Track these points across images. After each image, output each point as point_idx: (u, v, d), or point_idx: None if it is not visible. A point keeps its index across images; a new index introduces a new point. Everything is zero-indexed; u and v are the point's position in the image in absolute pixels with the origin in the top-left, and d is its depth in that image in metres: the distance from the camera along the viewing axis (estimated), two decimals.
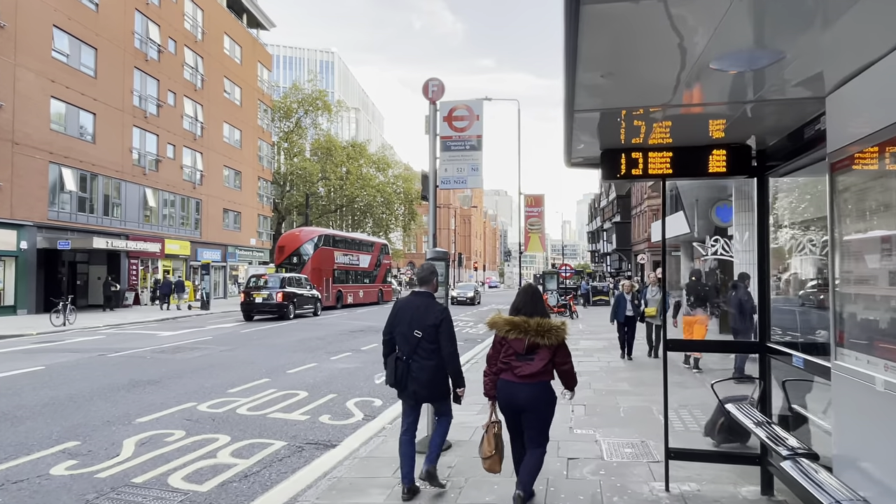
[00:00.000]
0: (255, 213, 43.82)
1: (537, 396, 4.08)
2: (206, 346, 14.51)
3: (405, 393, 4.55)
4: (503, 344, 4.17)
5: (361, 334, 17.54)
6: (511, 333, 4.09)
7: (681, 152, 4.37)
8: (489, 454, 4.23)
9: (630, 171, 4.39)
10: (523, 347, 4.06)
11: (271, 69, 48.80)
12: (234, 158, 40.75)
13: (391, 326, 4.62)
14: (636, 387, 9.09)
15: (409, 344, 4.45)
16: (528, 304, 4.23)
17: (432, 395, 4.56)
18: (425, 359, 4.41)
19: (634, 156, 4.36)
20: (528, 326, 4.05)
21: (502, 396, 4.17)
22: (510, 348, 4.11)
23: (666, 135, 4.24)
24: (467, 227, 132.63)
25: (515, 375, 4.08)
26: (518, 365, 4.08)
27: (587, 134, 4.19)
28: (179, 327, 19.36)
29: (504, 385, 4.14)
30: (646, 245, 50.29)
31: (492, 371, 4.24)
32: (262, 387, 9.41)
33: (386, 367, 4.64)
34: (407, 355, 4.45)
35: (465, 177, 5.91)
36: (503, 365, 4.15)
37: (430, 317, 4.44)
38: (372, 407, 8.19)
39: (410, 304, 4.58)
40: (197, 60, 36.56)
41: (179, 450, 6.08)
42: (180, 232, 34.64)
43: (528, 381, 4.05)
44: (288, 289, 22.30)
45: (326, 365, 11.74)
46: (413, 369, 4.41)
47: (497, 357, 4.21)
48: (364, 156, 55.64)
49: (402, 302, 4.68)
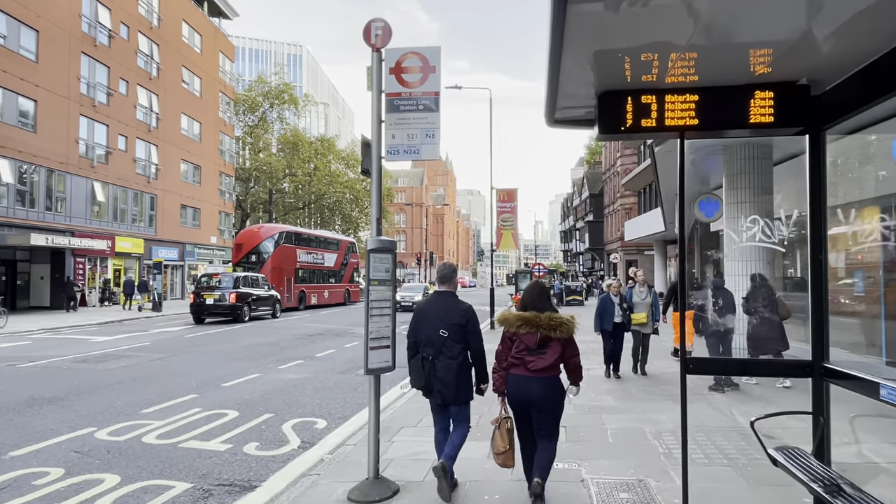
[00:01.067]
0: (216, 210, 41.84)
1: (550, 390, 4.15)
2: (139, 353, 12.92)
3: (432, 394, 4.50)
4: (514, 339, 4.21)
5: (319, 339, 16.10)
6: (523, 328, 4.14)
7: (710, 95, 3.12)
8: (504, 449, 4.21)
9: (639, 123, 3.15)
10: (535, 342, 4.12)
11: (234, 60, 46.78)
12: (193, 152, 38.75)
13: (416, 328, 4.57)
14: (623, 402, 7.90)
15: (435, 344, 4.42)
16: (538, 300, 4.26)
17: (456, 396, 4.44)
18: (450, 358, 4.39)
19: (645, 100, 3.13)
20: (539, 321, 4.11)
21: (514, 391, 4.19)
22: (522, 343, 4.16)
23: (690, 70, 2.98)
24: (440, 226, 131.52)
25: (528, 370, 4.13)
26: (531, 359, 4.13)
27: (580, 65, 2.91)
28: (120, 331, 17.66)
29: (516, 380, 4.18)
30: (619, 244, 49.68)
31: (501, 367, 4.27)
32: (185, 405, 7.96)
33: (411, 370, 4.57)
34: (433, 355, 4.42)
35: (418, 145, 4.58)
36: (515, 360, 4.18)
37: (455, 315, 4.43)
38: (313, 430, 6.83)
39: (434, 304, 4.57)
40: (152, 48, 34.54)
41: (44, 499, 4.66)
42: (133, 229, 32.61)
43: (541, 374, 4.11)
44: (242, 289, 20.67)
45: (271, 375, 10.31)
46: (438, 368, 4.39)
47: (507, 353, 4.24)
48: (332, 151, 53.88)
49: (424, 303, 4.67)
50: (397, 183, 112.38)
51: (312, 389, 9.13)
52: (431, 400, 4.58)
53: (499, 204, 20.14)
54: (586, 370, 10.54)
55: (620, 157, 49.72)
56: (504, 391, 4.24)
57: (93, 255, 29.36)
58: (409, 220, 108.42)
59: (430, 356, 4.42)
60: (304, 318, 23.72)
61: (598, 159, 71.24)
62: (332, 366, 11.49)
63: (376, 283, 4.45)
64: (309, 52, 78.51)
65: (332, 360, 12.18)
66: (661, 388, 8.84)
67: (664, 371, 10.33)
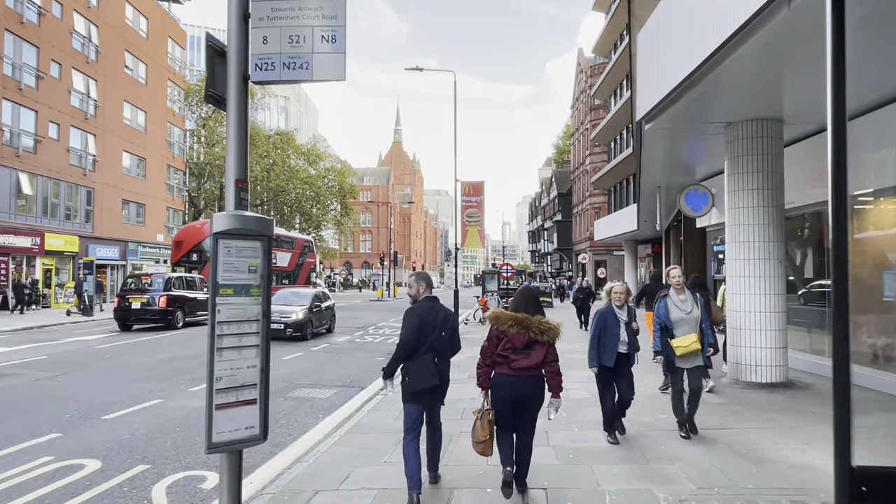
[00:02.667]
0: (163, 206, 39.09)
1: (535, 388, 4.40)
2: (25, 371, 10.68)
3: (435, 396, 4.61)
4: (502, 338, 4.38)
5: None
6: (514, 328, 4.34)
7: None
8: (484, 438, 4.40)
9: None
10: (522, 342, 4.33)
11: (185, 47, 44.01)
12: (137, 143, 35.97)
13: (418, 334, 4.51)
14: (625, 448, 6.07)
15: (439, 346, 4.56)
16: (530, 304, 4.47)
17: (444, 394, 4.72)
18: (447, 359, 4.67)
19: None
20: (530, 323, 4.33)
21: (506, 391, 4.37)
22: (509, 342, 4.35)
23: None
24: (407, 225, 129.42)
25: (511, 368, 4.34)
26: (515, 358, 4.33)
27: None
28: (28, 340, 15.27)
29: (502, 378, 4.39)
30: (587, 244, 48.52)
31: (486, 364, 4.45)
32: (35, 451, 5.92)
33: (413, 371, 4.47)
34: (438, 357, 4.53)
35: (308, 55, 2.73)
36: (499, 358, 4.38)
37: (450, 319, 4.70)
38: (195, 494, 4.90)
39: (433, 309, 4.63)
40: (90, 29, 31.77)
41: None
42: (66, 225, 29.83)
43: (524, 373, 4.34)
44: (175, 291, 18.39)
45: (176, 402, 8.30)
46: (442, 371, 4.55)
47: (493, 350, 4.42)
48: (292, 146, 51.35)
49: (423, 309, 4.62)
50: (362, 181, 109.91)
51: None
52: (423, 402, 4.58)
53: (464, 198, 18.35)
54: (567, 390, 8.86)
55: (590, 155, 48.55)
56: (487, 386, 4.44)
57: (17, 254, 26.58)
58: (374, 219, 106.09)
59: (436, 358, 4.51)
60: None
61: (566, 158, 70.27)
62: None
63: (229, 291, 2.59)
64: None
65: None
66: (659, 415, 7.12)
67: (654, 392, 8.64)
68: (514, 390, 4.32)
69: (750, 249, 8.26)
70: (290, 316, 15.51)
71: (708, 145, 10.07)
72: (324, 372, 10.89)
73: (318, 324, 16.86)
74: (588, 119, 48.68)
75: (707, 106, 7.92)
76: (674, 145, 10.25)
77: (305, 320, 15.78)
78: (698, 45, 6.57)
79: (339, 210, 55.59)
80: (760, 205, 8.21)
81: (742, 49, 5.92)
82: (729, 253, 8.68)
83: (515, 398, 4.33)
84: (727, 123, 8.53)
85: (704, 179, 13.28)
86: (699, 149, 10.48)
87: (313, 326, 16.28)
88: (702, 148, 10.36)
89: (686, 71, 6.98)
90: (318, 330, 16.94)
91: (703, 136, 9.27)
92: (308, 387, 9.49)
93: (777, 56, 6.24)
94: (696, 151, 10.74)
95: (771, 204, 8.21)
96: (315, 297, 17.17)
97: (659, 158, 11.66)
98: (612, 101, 40.34)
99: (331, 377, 10.37)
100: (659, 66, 7.85)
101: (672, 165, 12.65)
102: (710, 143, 9.89)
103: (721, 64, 6.43)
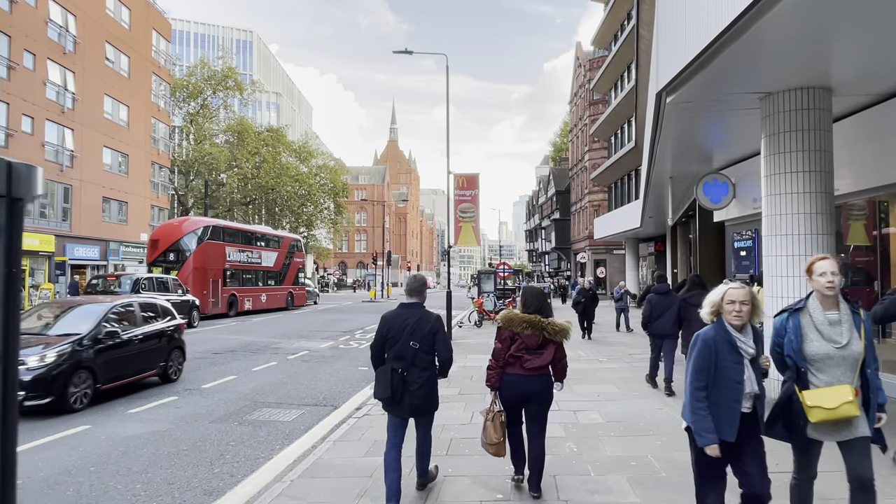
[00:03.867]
0: (147, 204, 37.64)
1: (546, 386, 4.49)
2: None
3: (399, 407, 4.41)
4: (515, 339, 4.40)
5: (225, 359, 12.69)
6: (527, 330, 4.38)
7: None
8: (497, 440, 4.43)
9: None
10: (537, 343, 4.39)
11: (170, 40, 42.59)
12: (119, 139, 34.53)
13: (384, 339, 4.47)
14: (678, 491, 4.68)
15: (406, 356, 4.38)
16: (543, 305, 4.53)
17: (428, 407, 4.49)
18: (422, 370, 4.40)
19: None
20: (544, 325, 4.38)
21: (514, 390, 4.42)
22: (523, 343, 4.38)
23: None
24: (403, 225, 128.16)
25: (524, 368, 4.38)
26: (529, 358, 4.38)
27: None
28: None
29: (513, 378, 4.41)
30: (587, 243, 47.25)
31: (499, 365, 4.45)
32: None
33: (376, 379, 4.45)
34: (404, 368, 4.37)
35: None
36: (511, 359, 4.40)
37: (425, 326, 4.44)
38: None
39: (403, 316, 4.48)
40: (67, 18, 30.34)
41: None
42: (41, 223, 28.36)
43: (535, 373, 4.40)
44: (144, 294, 17.01)
45: (103, 430, 6.93)
46: (409, 381, 4.36)
47: (505, 352, 4.42)
48: (283, 142, 49.87)
49: (392, 315, 4.53)
50: (357, 180, 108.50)
51: (147, 461, 5.78)
52: (394, 413, 4.46)
53: (457, 192, 16.99)
54: (574, 412, 7.55)
55: (589, 151, 47.26)
56: (497, 387, 4.48)
57: None
58: (369, 218, 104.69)
59: (401, 369, 4.36)
60: (229, 327, 20.12)
61: (564, 155, 68.95)
62: (215, 404, 8.17)
63: None
64: (260, 39, 73.39)
65: (223, 394, 8.86)
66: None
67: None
68: (522, 389, 4.42)
69: (794, 244, 6.93)
70: (40, 358, 7.46)
71: (737, 124, 8.74)
72: (295, 386, 9.54)
73: (114, 373, 8.50)
74: (587, 114, 47.39)
75: (743, 72, 6.60)
76: (695, 125, 8.91)
77: (55, 373, 7.47)
78: None
79: (332, 209, 54.12)
80: (806, 190, 6.88)
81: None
82: (767, 248, 7.34)
83: (523, 397, 4.44)
84: (765, 94, 7.20)
85: (723, 168, 11.97)
86: (724, 129, 9.15)
87: (95, 380, 8.06)
88: (729, 128, 9.04)
89: (721, 25, 5.64)
90: (116, 382, 8.54)
91: (734, 111, 7.93)
92: (272, 406, 8.13)
93: (827, 5, 4.94)
94: (720, 132, 9.41)
95: (818, 189, 6.88)
96: (111, 318, 8.76)
97: (673, 143, 10.33)
98: (612, 94, 39.05)
99: (302, 393, 9.01)
100: (686, 23, 6.52)
101: (686, 152, 11.31)
102: (740, 122, 8.57)
103: (763, 16, 5.11)
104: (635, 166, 33.17)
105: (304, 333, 17.89)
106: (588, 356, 12.32)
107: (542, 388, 4.44)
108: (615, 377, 9.66)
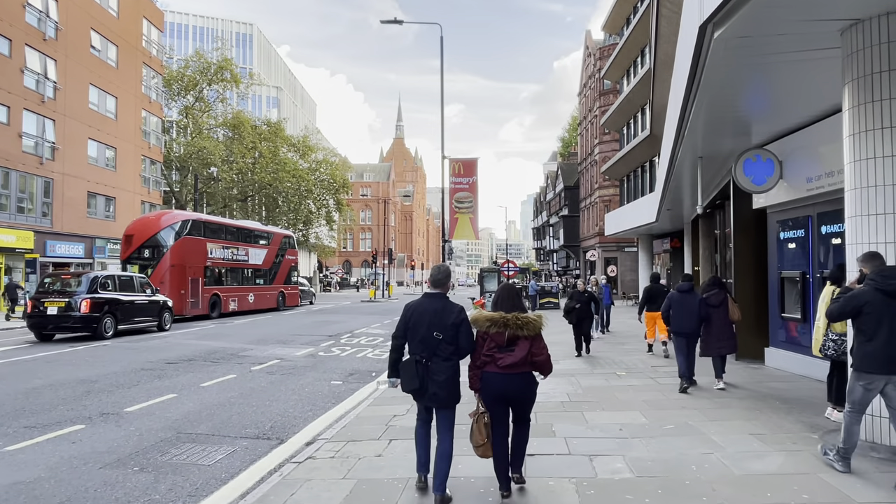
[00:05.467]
0: (137, 200, 36.00)
1: (525, 387, 4.40)
2: None
3: (425, 397, 4.45)
4: (485, 338, 4.39)
5: (181, 369, 10.89)
6: (492, 328, 4.33)
7: None
8: (483, 442, 4.40)
9: None
10: (504, 340, 4.30)
11: (162, 29, 40.95)
12: (105, 131, 32.93)
13: (407, 329, 4.51)
14: None
15: (429, 346, 4.39)
16: (506, 300, 4.45)
17: (449, 398, 4.43)
18: (444, 360, 4.38)
19: None
20: (506, 320, 4.30)
21: (490, 387, 4.36)
22: (492, 342, 4.34)
23: None
24: (409, 223, 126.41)
25: (498, 367, 4.31)
26: (501, 356, 4.30)
27: None
28: None
29: (491, 377, 4.34)
30: (597, 240, 45.24)
31: (475, 365, 4.44)
32: None
33: (401, 373, 4.49)
34: (427, 357, 4.38)
35: None
36: (486, 358, 4.36)
37: (448, 317, 4.41)
38: None
39: (426, 307, 4.49)
40: (48, 3, 28.76)
41: None
42: (18, 219, 26.80)
43: (512, 371, 4.29)
44: (103, 293, 15.20)
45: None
46: (433, 371, 4.37)
47: (479, 352, 4.41)
48: (281, 136, 48.12)
49: (416, 305, 4.56)
50: (362, 177, 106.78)
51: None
52: (422, 403, 4.56)
53: (453, 179, 15.08)
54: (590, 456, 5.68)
55: (599, 144, 45.23)
56: (479, 388, 4.43)
57: None
58: (374, 216, 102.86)
59: (424, 358, 4.37)
60: (204, 330, 18.32)
61: (573, 150, 66.84)
62: (127, 437, 6.36)
63: None
64: (261, 33, 71.48)
65: (145, 420, 7.06)
66: None
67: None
68: (500, 388, 4.34)
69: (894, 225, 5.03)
70: None
71: (800, 76, 6.80)
72: (244, 408, 7.73)
73: None
74: (597, 105, 45.35)
75: None
76: (743, 78, 6.97)
77: None
78: None
79: (333, 205, 52.30)
80: None
81: None
82: (851, 233, 5.42)
83: (502, 396, 4.36)
84: (853, 22, 5.28)
85: (765, 144, 10.03)
86: (781, 85, 7.19)
87: None
88: (788, 82, 7.07)
89: None
90: None
91: (802, 51, 6.00)
92: (201, 439, 6.31)
93: None
94: (776, 89, 7.42)
95: None
96: None
97: (707, 110, 8.39)
98: (623, 81, 37.02)
99: (246, 419, 7.19)
100: None
101: (721, 122, 9.34)
102: (804, 72, 6.64)
103: None
104: (650, 157, 31.13)
105: (285, 338, 16.09)
106: (602, 370, 10.45)
107: (523, 387, 4.38)
108: (639, 400, 7.76)
